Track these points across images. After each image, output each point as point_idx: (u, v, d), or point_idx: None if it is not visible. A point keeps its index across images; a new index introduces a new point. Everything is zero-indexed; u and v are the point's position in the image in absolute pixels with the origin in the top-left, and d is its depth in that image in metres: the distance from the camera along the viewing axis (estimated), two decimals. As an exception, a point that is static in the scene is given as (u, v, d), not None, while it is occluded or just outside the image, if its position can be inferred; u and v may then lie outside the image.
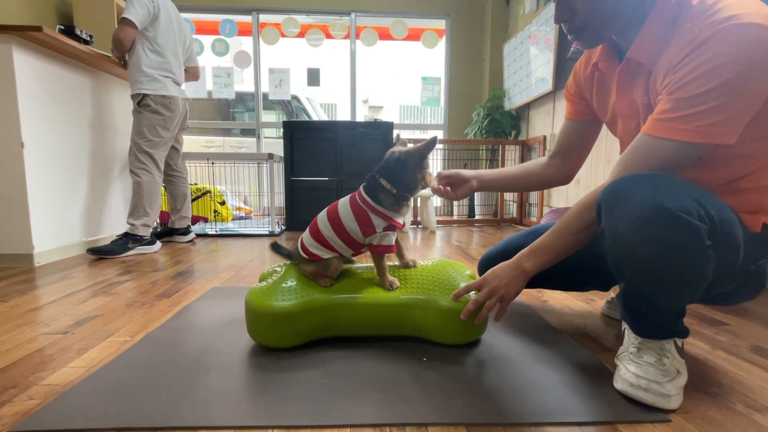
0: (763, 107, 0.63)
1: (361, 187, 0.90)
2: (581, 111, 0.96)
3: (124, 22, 1.89)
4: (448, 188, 1.00)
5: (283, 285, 0.88)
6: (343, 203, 0.90)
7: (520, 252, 0.82)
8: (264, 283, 0.90)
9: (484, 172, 1.03)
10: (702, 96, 0.61)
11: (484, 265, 1.08)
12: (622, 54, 0.77)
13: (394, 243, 0.91)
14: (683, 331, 0.72)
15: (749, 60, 0.58)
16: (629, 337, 0.75)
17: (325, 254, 0.89)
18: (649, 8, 0.69)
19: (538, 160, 1.06)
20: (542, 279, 1.05)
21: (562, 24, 0.75)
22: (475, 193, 3.62)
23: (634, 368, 0.68)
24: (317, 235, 0.90)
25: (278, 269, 0.98)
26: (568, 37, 0.77)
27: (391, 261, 0.97)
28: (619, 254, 0.66)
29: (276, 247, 0.98)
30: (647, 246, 0.61)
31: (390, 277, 0.91)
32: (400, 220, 0.90)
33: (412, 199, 0.92)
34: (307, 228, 0.93)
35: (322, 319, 0.87)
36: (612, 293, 1.32)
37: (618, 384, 0.69)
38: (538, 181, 1.04)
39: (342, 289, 0.89)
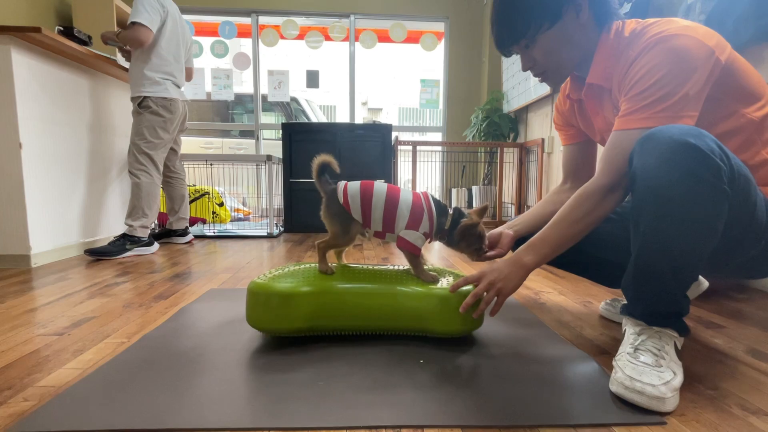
0: (717, 90, 0.74)
1: (429, 194, 0.95)
2: (574, 135, 1.07)
3: (140, 26, 1.88)
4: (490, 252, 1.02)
5: (285, 273, 0.92)
6: (406, 191, 0.93)
7: (520, 246, 0.84)
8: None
9: (515, 221, 1.09)
10: (649, 89, 0.73)
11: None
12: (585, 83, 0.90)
13: (421, 248, 0.93)
14: (683, 327, 0.74)
15: (677, 55, 0.71)
16: (628, 337, 0.76)
17: (355, 213, 0.90)
18: (594, 46, 0.84)
19: (553, 190, 1.13)
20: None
21: (530, 71, 0.89)
22: (473, 195, 3.64)
23: (630, 370, 0.68)
24: (366, 195, 0.90)
25: (280, 269, 0.99)
26: (539, 80, 0.91)
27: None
28: (644, 190, 0.68)
29: (321, 172, 0.93)
30: (671, 176, 0.64)
31: (429, 272, 0.94)
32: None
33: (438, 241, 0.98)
34: (358, 182, 0.92)
35: (321, 305, 0.88)
36: (610, 296, 1.32)
37: (613, 386, 0.69)
38: None
39: (342, 278, 0.92)
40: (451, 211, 0.94)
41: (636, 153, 0.70)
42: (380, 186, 0.92)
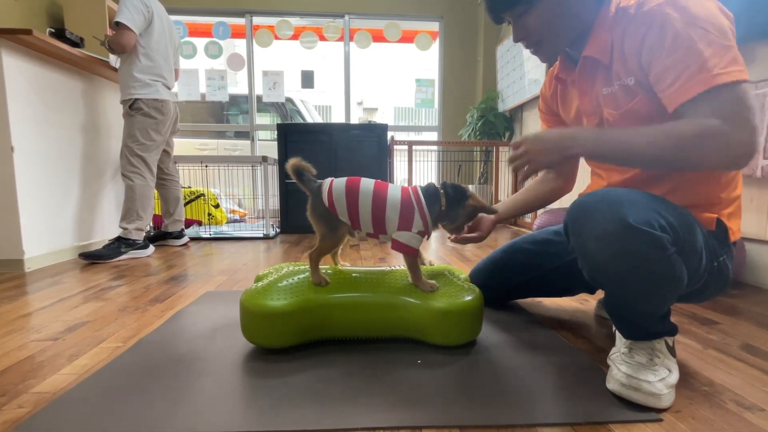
0: None
1: (419, 188, 0.90)
2: (557, 126, 1.03)
3: (124, 27, 1.87)
4: (465, 236, 1.01)
5: (279, 285, 0.88)
6: (394, 189, 0.89)
7: (572, 131, 0.76)
8: (260, 284, 0.90)
9: (496, 206, 1.08)
10: (702, 42, 0.64)
11: (473, 278, 1.14)
12: (576, 61, 0.85)
13: (418, 248, 0.89)
14: (671, 329, 0.74)
15: (704, 13, 0.65)
16: (620, 338, 0.76)
17: (342, 216, 0.87)
18: (593, 19, 0.79)
19: (536, 179, 1.12)
20: (532, 289, 1.12)
21: (522, 42, 0.83)
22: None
23: (626, 368, 0.68)
24: (351, 196, 0.85)
25: (275, 270, 0.98)
26: (530, 52, 0.85)
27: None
28: (592, 270, 0.68)
29: (299, 174, 0.88)
30: (615, 261, 0.63)
31: (428, 281, 0.90)
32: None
33: (437, 229, 0.93)
34: (344, 180, 0.88)
35: (317, 318, 0.87)
36: (602, 294, 1.33)
37: (610, 384, 0.70)
38: (543, 197, 1.10)
39: (337, 289, 0.89)
40: (441, 191, 0.89)
41: (571, 233, 0.68)
42: (366, 185, 0.87)
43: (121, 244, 1.95)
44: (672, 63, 0.66)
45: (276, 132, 2.97)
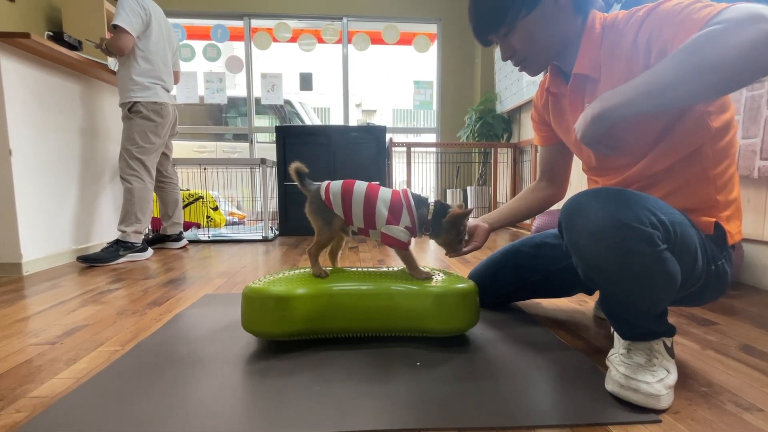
0: None
1: (408, 190, 0.96)
2: (549, 136, 1.03)
3: (121, 30, 1.88)
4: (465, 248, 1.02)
5: (279, 279, 0.93)
6: (385, 189, 0.95)
7: (588, 110, 0.71)
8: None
9: (490, 215, 1.11)
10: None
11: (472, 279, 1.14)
12: (567, 75, 0.86)
13: (408, 242, 0.94)
14: (668, 330, 0.74)
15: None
16: (618, 340, 0.76)
17: (336, 209, 0.94)
18: (578, 32, 0.80)
19: (529, 187, 1.13)
20: (530, 291, 1.12)
21: (510, 60, 0.86)
22: (468, 196, 3.66)
23: (624, 369, 0.68)
24: (346, 191, 0.93)
25: (275, 274, 0.99)
26: (518, 69, 0.88)
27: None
28: (585, 267, 0.69)
29: (301, 177, 0.96)
30: (607, 257, 0.64)
31: (423, 270, 0.95)
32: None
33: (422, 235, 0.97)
34: (341, 181, 0.96)
35: (316, 307, 0.88)
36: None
37: (609, 385, 0.70)
38: (536, 205, 1.10)
39: (337, 280, 0.93)
40: (432, 202, 0.95)
41: (565, 230, 0.69)
42: (360, 184, 0.95)
43: (119, 247, 1.95)
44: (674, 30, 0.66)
45: (274, 134, 2.97)
